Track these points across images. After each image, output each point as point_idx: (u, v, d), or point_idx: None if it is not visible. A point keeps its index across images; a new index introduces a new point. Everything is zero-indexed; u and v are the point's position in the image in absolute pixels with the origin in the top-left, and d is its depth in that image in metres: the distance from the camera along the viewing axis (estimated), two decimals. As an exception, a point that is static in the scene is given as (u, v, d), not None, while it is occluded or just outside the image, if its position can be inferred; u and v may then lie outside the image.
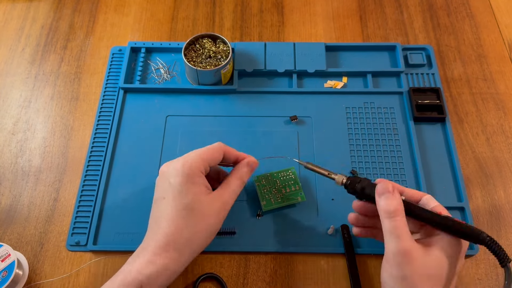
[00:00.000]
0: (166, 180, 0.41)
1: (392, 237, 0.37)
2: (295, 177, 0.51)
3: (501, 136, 0.56)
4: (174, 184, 0.40)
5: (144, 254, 0.39)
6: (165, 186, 0.41)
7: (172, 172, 0.41)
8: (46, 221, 0.50)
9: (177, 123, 0.56)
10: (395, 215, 0.37)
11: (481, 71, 0.61)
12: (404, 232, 0.37)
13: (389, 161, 0.53)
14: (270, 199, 0.49)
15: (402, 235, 0.36)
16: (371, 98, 0.58)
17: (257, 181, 0.51)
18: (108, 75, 0.60)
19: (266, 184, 0.50)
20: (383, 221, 0.38)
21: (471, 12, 0.66)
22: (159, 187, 0.42)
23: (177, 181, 0.40)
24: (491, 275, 0.47)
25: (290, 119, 0.56)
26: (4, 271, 0.44)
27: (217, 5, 0.68)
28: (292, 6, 0.68)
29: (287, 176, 0.51)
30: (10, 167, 0.54)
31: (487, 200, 0.51)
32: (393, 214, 0.37)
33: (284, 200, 0.49)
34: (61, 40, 0.64)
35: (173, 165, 0.42)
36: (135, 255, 0.40)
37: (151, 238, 0.40)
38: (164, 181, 0.41)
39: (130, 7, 0.68)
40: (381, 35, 0.64)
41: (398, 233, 0.36)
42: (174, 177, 0.40)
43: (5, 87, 0.60)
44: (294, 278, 0.47)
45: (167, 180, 0.41)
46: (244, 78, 0.60)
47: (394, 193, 0.38)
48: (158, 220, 0.40)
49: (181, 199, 0.40)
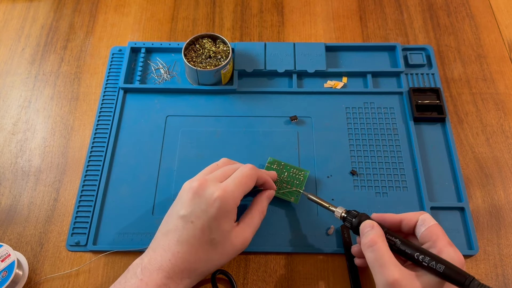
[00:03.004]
0: (200, 205, 0.39)
1: (376, 268, 0.36)
2: (303, 179, 0.50)
3: (501, 136, 0.56)
4: (208, 215, 0.39)
5: (158, 273, 0.38)
6: (197, 210, 0.39)
7: (209, 200, 0.39)
8: (46, 221, 0.50)
9: (177, 123, 0.56)
10: (373, 243, 0.37)
11: (481, 71, 0.61)
12: (387, 259, 0.36)
13: (389, 161, 0.53)
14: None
15: (385, 263, 0.36)
16: (371, 98, 0.58)
17: (269, 162, 0.51)
18: (108, 75, 0.60)
19: (276, 169, 0.51)
20: (366, 257, 0.38)
21: (471, 12, 0.66)
22: (189, 206, 0.39)
23: (212, 213, 0.39)
24: (491, 275, 0.47)
25: (290, 119, 0.56)
26: (4, 271, 0.44)
27: (217, 5, 0.68)
28: (292, 6, 0.68)
29: (297, 175, 0.51)
30: (10, 167, 0.54)
31: (487, 200, 0.51)
32: (371, 243, 0.37)
33: (279, 193, 0.49)
34: (61, 40, 0.64)
35: (211, 191, 0.39)
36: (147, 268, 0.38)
37: (167, 257, 0.38)
38: (197, 204, 0.39)
39: (130, 7, 0.68)
40: (381, 35, 0.64)
41: (381, 262, 0.36)
42: (210, 207, 0.39)
43: (5, 87, 0.60)
44: (294, 278, 0.47)
45: (201, 206, 0.39)
46: (244, 78, 0.60)
47: (373, 228, 0.39)
48: (181, 241, 0.39)
49: (210, 233, 0.39)
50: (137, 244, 0.48)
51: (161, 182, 0.52)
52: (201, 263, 0.39)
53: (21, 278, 0.46)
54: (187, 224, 0.39)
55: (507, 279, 0.47)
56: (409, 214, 0.41)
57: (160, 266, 0.38)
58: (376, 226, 0.39)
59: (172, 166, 0.53)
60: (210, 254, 0.39)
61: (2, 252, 0.45)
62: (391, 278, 0.35)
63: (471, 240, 0.48)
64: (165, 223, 0.41)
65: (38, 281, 0.47)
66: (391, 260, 0.36)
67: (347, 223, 0.42)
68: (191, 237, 0.39)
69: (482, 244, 0.48)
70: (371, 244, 0.37)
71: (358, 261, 0.45)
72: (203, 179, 0.41)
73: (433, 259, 0.36)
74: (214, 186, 0.40)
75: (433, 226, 0.38)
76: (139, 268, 0.39)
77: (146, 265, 0.39)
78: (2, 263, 0.44)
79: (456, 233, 0.49)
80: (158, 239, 0.40)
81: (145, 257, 0.40)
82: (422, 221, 0.39)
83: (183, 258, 0.38)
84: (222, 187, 0.40)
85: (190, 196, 0.40)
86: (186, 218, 0.39)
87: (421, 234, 0.39)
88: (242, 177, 0.42)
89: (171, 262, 0.38)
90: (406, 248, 0.38)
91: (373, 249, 0.37)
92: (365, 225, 0.40)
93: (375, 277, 0.36)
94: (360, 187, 0.51)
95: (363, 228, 0.40)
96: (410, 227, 0.40)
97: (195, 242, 0.39)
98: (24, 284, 0.46)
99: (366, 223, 0.40)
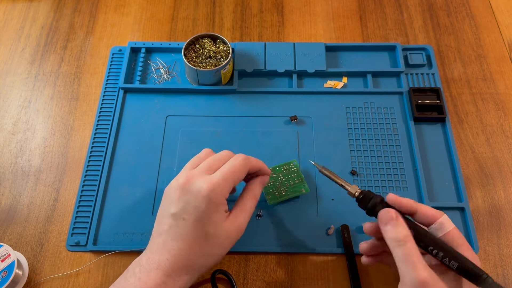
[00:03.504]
0: (189, 201, 0.39)
1: (407, 266, 0.35)
2: (297, 169, 0.51)
3: (501, 136, 0.56)
4: (198, 210, 0.38)
5: (157, 272, 0.38)
6: (187, 207, 0.39)
7: (197, 195, 0.39)
8: (46, 221, 0.50)
9: (177, 123, 0.56)
10: (405, 242, 0.36)
11: (481, 71, 0.61)
12: (418, 260, 0.35)
13: (389, 161, 0.53)
14: (274, 193, 0.49)
15: (416, 263, 0.35)
16: (371, 98, 0.58)
17: None
18: (108, 75, 0.60)
19: (270, 178, 0.50)
20: (393, 250, 0.37)
21: (471, 12, 0.66)
22: (178, 203, 0.39)
23: (202, 208, 0.38)
24: (491, 275, 0.46)
25: (290, 119, 0.56)
26: (4, 271, 0.44)
27: (217, 5, 0.68)
28: (292, 6, 0.68)
29: (289, 169, 0.51)
30: (10, 167, 0.54)
31: (487, 200, 0.51)
32: (402, 242, 0.36)
33: (288, 193, 0.49)
34: (61, 40, 0.64)
35: (198, 185, 0.39)
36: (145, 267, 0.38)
37: (164, 255, 0.38)
38: (186, 201, 0.39)
39: (130, 7, 0.68)
40: (381, 35, 0.64)
41: (412, 260, 0.35)
42: (199, 202, 0.38)
43: (5, 87, 0.60)
44: (294, 278, 0.47)
45: (190, 202, 0.39)
46: (244, 78, 0.60)
47: (398, 220, 0.37)
48: (175, 238, 0.39)
49: (203, 227, 0.39)
50: (137, 244, 0.48)
51: (161, 182, 0.52)
52: (198, 257, 0.39)
53: (21, 278, 0.46)
54: (179, 221, 0.39)
55: (507, 279, 0.47)
56: (427, 209, 0.39)
57: (158, 265, 0.38)
58: (400, 218, 0.38)
59: (172, 166, 0.53)
60: (206, 247, 0.39)
61: (2, 252, 0.45)
62: (422, 277, 0.34)
63: (471, 240, 0.48)
64: (158, 223, 0.41)
65: (38, 281, 0.47)
66: (420, 259, 0.35)
67: (361, 204, 0.41)
68: (184, 234, 0.39)
69: (482, 244, 0.48)
70: (402, 240, 0.36)
71: (366, 260, 0.43)
72: (189, 174, 0.40)
73: (447, 255, 0.36)
74: (201, 179, 0.39)
75: (454, 230, 0.38)
76: (137, 268, 0.39)
77: (144, 265, 0.39)
78: (2, 263, 0.44)
79: (456, 233, 0.49)
80: (153, 239, 0.41)
81: (143, 257, 0.40)
82: (440, 224, 0.38)
83: (179, 255, 0.38)
84: (209, 180, 0.39)
85: (178, 193, 0.39)
86: (177, 216, 0.39)
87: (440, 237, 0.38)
88: (231, 169, 0.41)
89: (168, 261, 0.38)
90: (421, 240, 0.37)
91: (404, 246, 0.36)
92: (388, 216, 0.38)
93: (403, 274, 0.36)
94: (360, 187, 0.51)
95: (386, 219, 0.38)
96: (424, 223, 0.39)
97: (190, 238, 0.39)
98: (24, 284, 0.46)
99: (389, 212, 0.38)
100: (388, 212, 0.38)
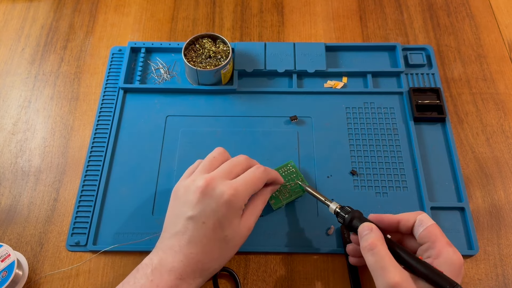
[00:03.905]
0: (209, 204, 0.39)
1: (377, 271, 0.36)
2: (295, 169, 0.51)
3: (501, 136, 0.56)
4: (218, 214, 0.38)
5: (170, 274, 0.37)
6: (207, 210, 0.39)
7: (219, 200, 0.39)
8: (46, 221, 0.50)
9: (177, 123, 0.56)
10: (373, 246, 0.37)
11: (481, 71, 0.61)
12: (388, 262, 0.36)
13: (389, 161, 0.53)
14: (278, 197, 0.49)
15: (386, 266, 0.35)
16: (371, 98, 0.58)
17: None
18: (108, 75, 0.60)
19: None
20: (366, 260, 0.37)
21: (471, 12, 0.66)
22: (197, 206, 0.39)
23: (222, 212, 0.39)
24: (491, 275, 0.47)
25: (290, 119, 0.56)
26: (4, 271, 0.44)
27: (217, 5, 0.68)
28: (292, 6, 0.68)
29: (288, 170, 0.51)
30: (10, 167, 0.54)
31: (487, 200, 0.51)
32: (371, 247, 0.37)
33: (292, 194, 0.49)
34: (61, 40, 0.64)
35: (220, 190, 0.39)
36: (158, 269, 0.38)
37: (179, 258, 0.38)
38: (207, 204, 0.39)
39: (130, 7, 0.68)
40: (381, 35, 0.64)
41: (381, 265, 0.36)
42: (221, 206, 0.38)
43: (5, 87, 0.60)
44: (294, 278, 0.47)
45: (211, 205, 0.39)
46: (244, 78, 0.60)
47: (372, 231, 0.39)
48: (193, 242, 0.38)
49: (222, 232, 0.39)
50: (137, 244, 0.48)
51: (161, 182, 0.52)
52: (214, 260, 0.39)
53: (21, 278, 0.46)
54: (198, 225, 0.39)
55: (507, 279, 0.47)
56: (407, 214, 0.40)
57: (172, 267, 0.38)
58: (375, 229, 0.39)
59: (172, 166, 0.53)
60: (223, 250, 0.40)
61: (2, 252, 0.45)
62: (392, 281, 0.34)
63: (471, 240, 0.48)
64: (171, 224, 0.40)
65: (38, 281, 0.47)
66: (391, 263, 0.36)
67: (340, 219, 0.43)
68: (203, 237, 0.38)
69: (482, 244, 0.48)
70: (371, 247, 0.37)
71: (353, 260, 0.45)
72: (210, 177, 0.40)
73: (416, 269, 0.36)
74: (224, 185, 0.40)
75: (431, 226, 0.38)
76: (149, 268, 0.38)
77: (156, 266, 0.38)
78: (2, 263, 0.44)
79: (456, 233, 0.49)
80: (166, 239, 0.40)
81: (154, 257, 0.39)
82: (419, 221, 0.39)
83: (196, 258, 0.38)
84: (233, 187, 0.40)
85: (198, 196, 0.39)
86: (196, 219, 0.39)
87: (419, 235, 0.38)
88: (253, 179, 0.42)
89: (183, 263, 0.38)
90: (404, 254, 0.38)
91: (373, 252, 0.37)
92: (364, 228, 0.39)
93: (376, 280, 0.36)
94: (360, 187, 0.51)
95: (361, 231, 0.39)
96: (408, 228, 0.40)
97: (208, 242, 0.39)
98: (24, 284, 0.46)
99: (364, 225, 0.39)
100: (364, 225, 0.39)
